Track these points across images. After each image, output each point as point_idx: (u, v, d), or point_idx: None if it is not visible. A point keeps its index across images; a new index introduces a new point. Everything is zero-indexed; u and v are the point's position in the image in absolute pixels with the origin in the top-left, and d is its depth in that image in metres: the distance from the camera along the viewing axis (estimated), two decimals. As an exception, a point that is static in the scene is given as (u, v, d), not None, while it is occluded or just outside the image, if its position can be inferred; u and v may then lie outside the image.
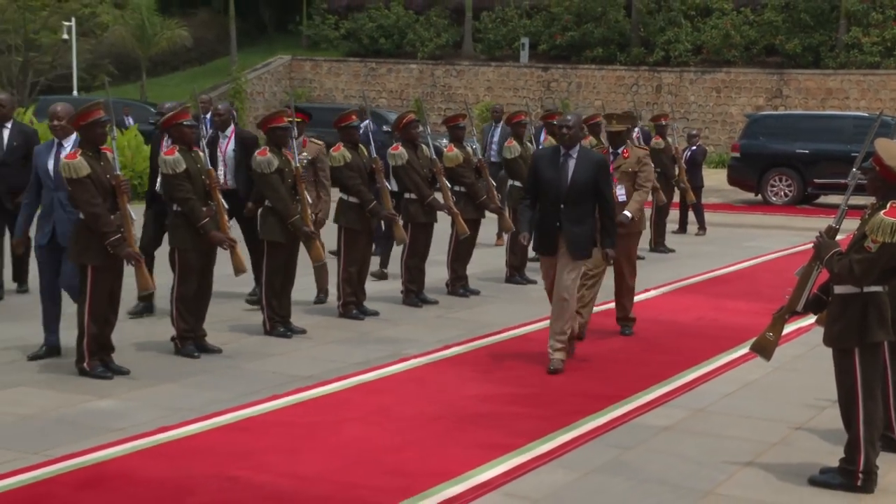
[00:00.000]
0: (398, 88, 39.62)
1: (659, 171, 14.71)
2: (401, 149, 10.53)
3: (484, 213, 11.43)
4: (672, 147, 15.51)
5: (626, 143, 9.36)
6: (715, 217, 18.80)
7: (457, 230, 10.90)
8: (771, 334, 6.20)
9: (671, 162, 15.41)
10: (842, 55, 34.42)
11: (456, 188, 11.02)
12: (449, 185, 10.86)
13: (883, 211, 5.50)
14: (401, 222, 10.30)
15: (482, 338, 9.25)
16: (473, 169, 11.22)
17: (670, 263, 14.07)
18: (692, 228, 16.99)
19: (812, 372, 8.14)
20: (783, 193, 22.62)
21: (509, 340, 9.24)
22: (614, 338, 9.38)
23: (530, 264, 12.17)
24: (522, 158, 11.59)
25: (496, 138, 15.76)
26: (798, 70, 34.75)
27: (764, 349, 6.27)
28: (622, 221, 8.87)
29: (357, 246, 9.97)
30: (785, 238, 16.96)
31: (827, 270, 5.74)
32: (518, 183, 11.52)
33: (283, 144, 9.13)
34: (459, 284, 11.29)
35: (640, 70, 36.58)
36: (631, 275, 9.46)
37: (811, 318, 6.83)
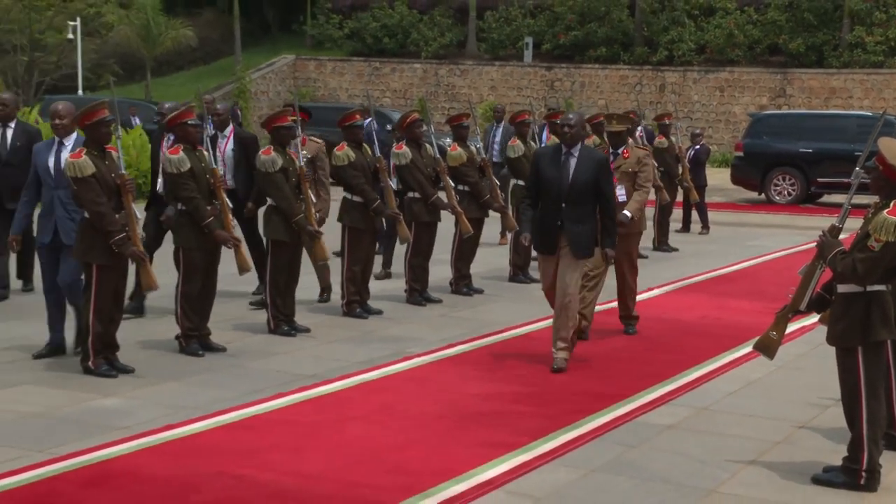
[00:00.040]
0: (402, 88, 39.64)
1: (662, 171, 14.76)
2: (405, 148, 10.55)
3: (487, 213, 11.45)
4: (675, 146, 15.52)
5: (627, 144, 9.36)
6: (718, 216, 18.81)
7: (460, 229, 10.92)
8: (774, 333, 6.21)
9: (675, 161, 15.43)
10: (845, 54, 34.39)
11: (459, 187, 11.04)
12: (452, 184, 10.87)
13: (886, 210, 5.51)
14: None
15: (485, 336, 9.26)
16: (477, 168, 11.24)
17: (673, 262, 14.07)
18: (695, 227, 17.01)
19: (815, 371, 8.15)
20: (786, 192, 22.61)
21: (512, 339, 9.25)
22: (617, 336, 9.39)
23: (533, 263, 12.17)
24: (526, 157, 11.60)
25: (498, 138, 15.78)
26: (801, 69, 34.73)
27: (767, 348, 6.29)
28: (622, 221, 8.85)
29: (361, 245, 9.99)
30: (788, 237, 16.97)
31: (830, 269, 5.75)
32: (521, 182, 11.54)
33: (287, 143, 9.16)
34: (463, 283, 11.31)
35: (644, 69, 36.58)
36: (632, 274, 9.46)
37: (814, 317, 6.84)
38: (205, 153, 8.43)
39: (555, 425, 6.66)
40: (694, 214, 16.94)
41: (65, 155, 7.89)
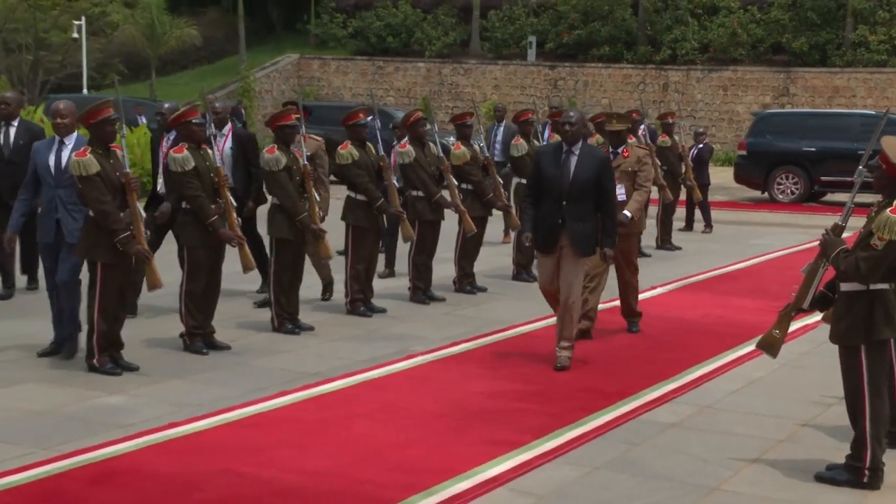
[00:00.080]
0: (406, 87, 39.65)
1: (666, 169, 14.76)
2: (408, 146, 10.56)
3: (491, 211, 11.46)
4: (679, 145, 15.52)
5: (627, 143, 9.37)
6: (721, 215, 18.79)
7: (464, 228, 10.93)
8: (777, 332, 6.22)
9: (678, 160, 15.42)
10: (848, 53, 34.36)
11: (463, 186, 11.05)
12: (456, 183, 10.89)
13: (889, 208, 5.52)
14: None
15: (489, 335, 9.28)
16: (480, 167, 11.25)
17: (677, 261, 14.08)
18: (698, 226, 17.00)
19: (818, 369, 8.16)
20: (790, 191, 22.59)
21: (516, 338, 9.26)
22: (620, 335, 9.40)
23: (536, 261, 12.18)
24: (529, 156, 11.61)
25: (499, 137, 15.78)
26: (805, 68, 34.70)
27: (770, 346, 6.30)
28: (622, 221, 8.83)
29: (365, 243, 10.01)
30: (791, 236, 16.96)
31: (833, 268, 5.76)
32: (525, 181, 11.54)
33: (291, 142, 9.18)
34: (466, 282, 11.32)
35: (647, 68, 36.56)
36: (632, 273, 9.46)
37: (817, 316, 6.85)
38: (209, 152, 8.45)
39: (558, 423, 6.68)
40: (697, 213, 16.94)
41: (65, 154, 7.90)
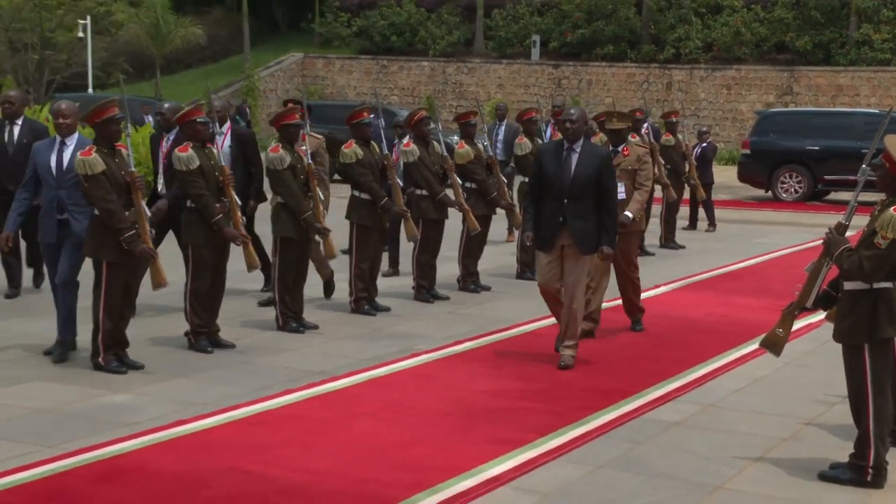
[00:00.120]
0: (410, 86, 39.69)
1: (669, 168, 14.77)
2: (412, 145, 10.58)
3: (495, 210, 11.47)
4: (682, 144, 15.52)
5: (627, 141, 9.37)
6: (725, 213, 18.80)
7: (468, 226, 10.95)
8: (781, 330, 6.23)
9: (681, 158, 15.43)
10: (852, 52, 34.36)
11: (467, 185, 11.07)
12: (460, 182, 10.90)
13: (893, 207, 5.52)
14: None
15: (493, 334, 9.29)
16: (484, 166, 11.27)
17: (680, 259, 14.08)
18: (702, 225, 17.01)
19: (822, 368, 8.16)
20: (793, 190, 22.59)
21: (519, 336, 9.27)
22: (624, 334, 9.41)
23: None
24: (533, 155, 11.61)
25: (501, 137, 15.79)
26: (808, 67, 34.70)
27: (774, 345, 6.30)
28: (623, 222, 8.83)
29: (369, 242, 10.02)
30: (795, 234, 16.96)
31: (837, 267, 5.77)
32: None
33: (295, 141, 9.20)
34: (470, 280, 11.33)
35: (651, 67, 36.57)
36: (633, 272, 9.46)
37: (821, 315, 6.86)
38: (213, 151, 8.47)
39: (561, 422, 6.69)
40: (701, 212, 16.94)
41: (67, 154, 7.89)
